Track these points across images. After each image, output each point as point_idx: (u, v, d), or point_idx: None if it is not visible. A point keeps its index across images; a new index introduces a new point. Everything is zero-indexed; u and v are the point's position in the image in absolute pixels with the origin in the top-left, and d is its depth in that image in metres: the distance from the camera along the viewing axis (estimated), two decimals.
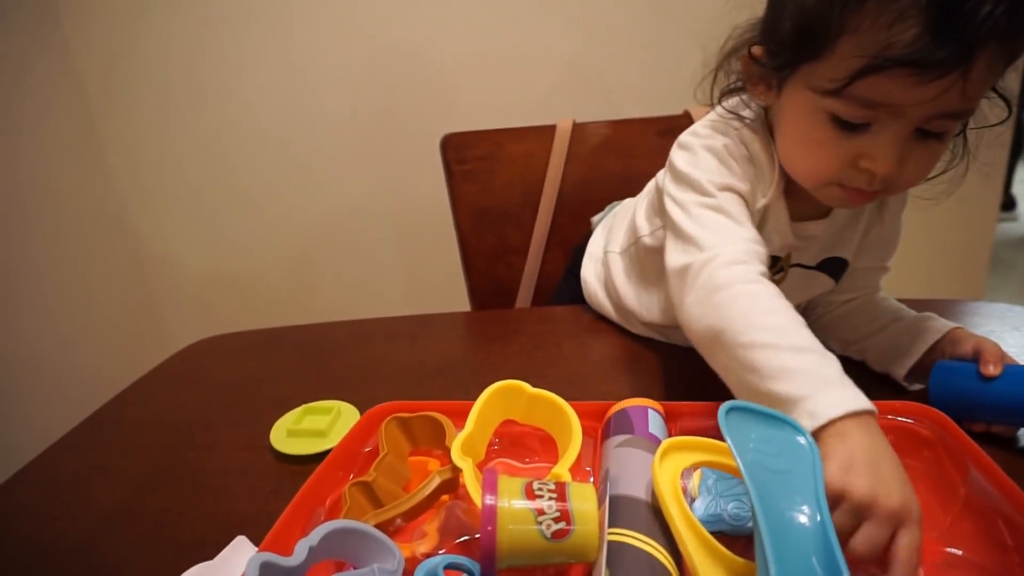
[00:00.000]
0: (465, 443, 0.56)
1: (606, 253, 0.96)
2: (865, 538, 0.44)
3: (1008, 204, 3.45)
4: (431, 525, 0.56)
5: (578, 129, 1.21)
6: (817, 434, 0.49)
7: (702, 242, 0.66)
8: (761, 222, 0.73)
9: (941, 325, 0.73)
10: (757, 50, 0.66)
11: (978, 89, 0.55)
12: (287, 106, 1.82)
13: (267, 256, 2.00)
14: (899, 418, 0.60)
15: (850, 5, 0.53)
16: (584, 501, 0.46)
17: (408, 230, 1.93)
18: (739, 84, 0.73)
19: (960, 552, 0.50)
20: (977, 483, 0.52)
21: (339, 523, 0.51)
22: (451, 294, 1.42)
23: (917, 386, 0.73)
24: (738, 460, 0.45)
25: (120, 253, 1.98)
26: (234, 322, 1.13)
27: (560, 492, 0.47)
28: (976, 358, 0.65)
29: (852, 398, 0.50)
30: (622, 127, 1.23)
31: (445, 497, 0.58)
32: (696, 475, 0.57)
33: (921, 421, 0.59)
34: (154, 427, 0.82)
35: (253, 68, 1.79)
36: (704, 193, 0.69)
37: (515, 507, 0.46)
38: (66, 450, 0.79)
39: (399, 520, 0.55)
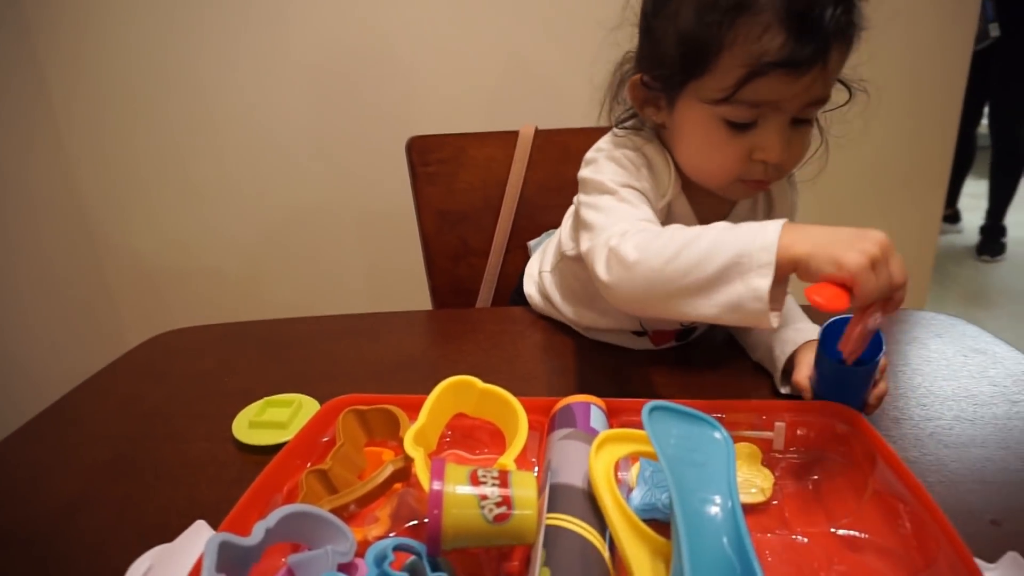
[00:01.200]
0: (417, 434, 0.59)
1: (540, 273, 1.04)
2: (898, 265, 0.56)
3: (953, 217, 3.59)
4: (383, 511, 0.59)
5: (540, 135, 1.25)
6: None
7: (601, 223, 0.73)
8: (666, 220, 0.80)
9: (799, 337, 0.79)
10: (642, 77, 0.76)
11: (833, 77, 0.69)
12: (251, 103, 1.83)
13: (229, 252, 2.01)
14: (822, 418, 0.66)
15: (723, 26, 0.65)
16: (525, 488, 0.50)
17: (372, 230, 1.96)
18: (630, 111, 0.83)
19: (866, 535, 0.55)
20: (882, 473, 0.57)
21: (295, 507, 0.54)
22: (413, 294, 1.46)
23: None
24: (659, 454, 0.50)
25: (80, 246, 1.97)
26: (195, 317, 1.14)
27: (503, 479, 0.51)
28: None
29: (773, 225, 0.59)
30: (583, 135, 1.26)
31: (397, 485, 0.61)
32: (635, 468, 0.62)
33: (835, 418, 0.64)
34: (115, 418, 0.84)
35: (217, 65, 1.79)
36: (606, 191, 0.77)
37: (460, 492, 0.49)
38: (26, 440, 0.80)
39: (353, 506, 0.59)
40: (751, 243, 0.60)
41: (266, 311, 1.15)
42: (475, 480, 0.50)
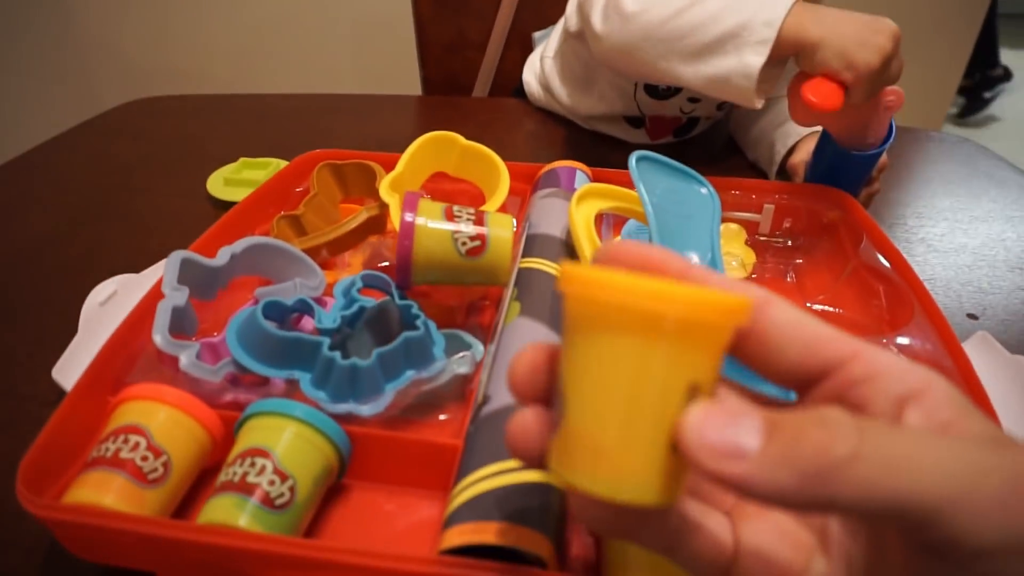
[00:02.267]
0: (394, 182, 0.57)
1: (541, 59, 0.97)
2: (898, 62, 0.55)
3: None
4: (355, 258, 0.58)
5: None
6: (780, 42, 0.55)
7: None
8: None
9: (803, 131, 0.75)
10: None
11: None
12: None
13: (216, 37, 1.89)
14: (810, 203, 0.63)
15: None
16: (501, 227, 0.49)
17: (365, 12, 1.83)
18: None
19: (840, 311, 0.54)
20: (866, 253, 0.56)
21: (264, 239, 0.53)
22: (404, 86, 1.38)
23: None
24: (644, 201, 0.47)
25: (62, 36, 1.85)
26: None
27: (479, 218, 0.49)
28: None
29: (785, 1, 0.55)
30: None
31: (373, 237, 0.59)
32: (619, 235, 0.60)
33: (825, 202, 0.62)
34: (88, 170, 0.81)
35: None
36: None
37: (432, 226, 0.47)
38: None
39: (324, 252, 0.57)
40: (755, 15, 0.55)
41: (248, 88, 1.09)
42: (450, 215, 0.48)
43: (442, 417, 0.45)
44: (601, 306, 0.20)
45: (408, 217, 0.47)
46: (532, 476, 0.35)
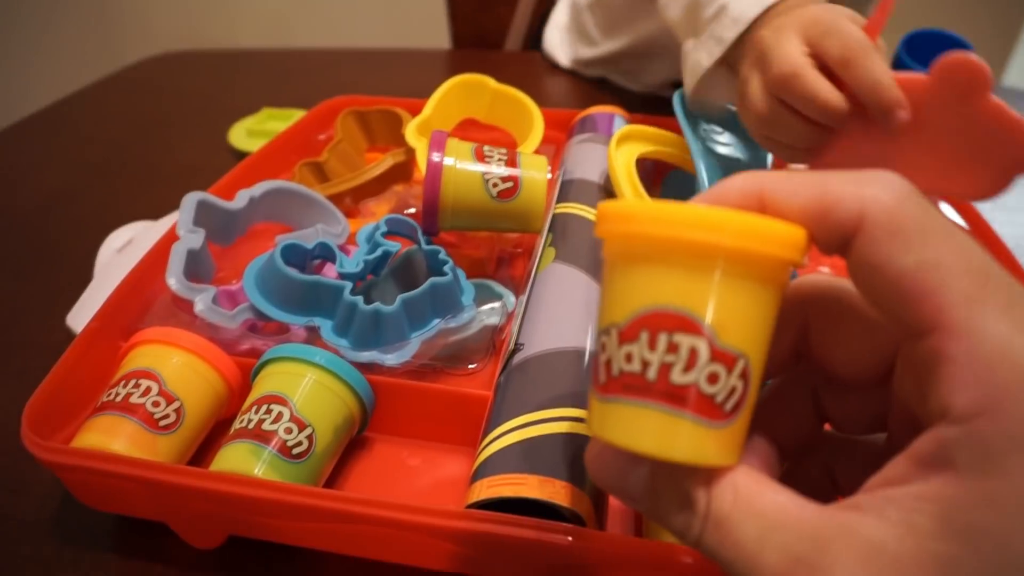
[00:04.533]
0: (421, 126, 0.53)
1: (579, 11, 0.90)
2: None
3: None
4: (380, 208, 0.55)
5: None
6: (749, 39, 0.44)
7: None
8: None
9: None
10: None
11: None
12: None
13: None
14: None
15: None
16: (535, 169, 0.45)
17: None
18: None
19: None
20: None
21: (285, 183, 0.50)
22: (433, 44, 1.34)
23: None
24: (691, 143, 0.44)
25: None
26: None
27: (511, 159, 0.45)
28: None
29: None
30: None
31: (398, 186, 0.57)
32: (659, 185, 0.56)
33: None
34: (108, 125, 0.80)
35: None
36: None
37: (462, 167, 0.44)
38: (15, 138, 0.76)
39: (348, 200, 0.54)
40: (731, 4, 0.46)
41: (273, 43, 1.06)
42: (480, 156, 0.45)
43: (471, 366, 0.42)
44: (640, 241, 0.18)
45: (436, 157, 0.44)
46: (568, 427, 0.32)
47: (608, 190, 0.47)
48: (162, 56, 0.97)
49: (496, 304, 0.44)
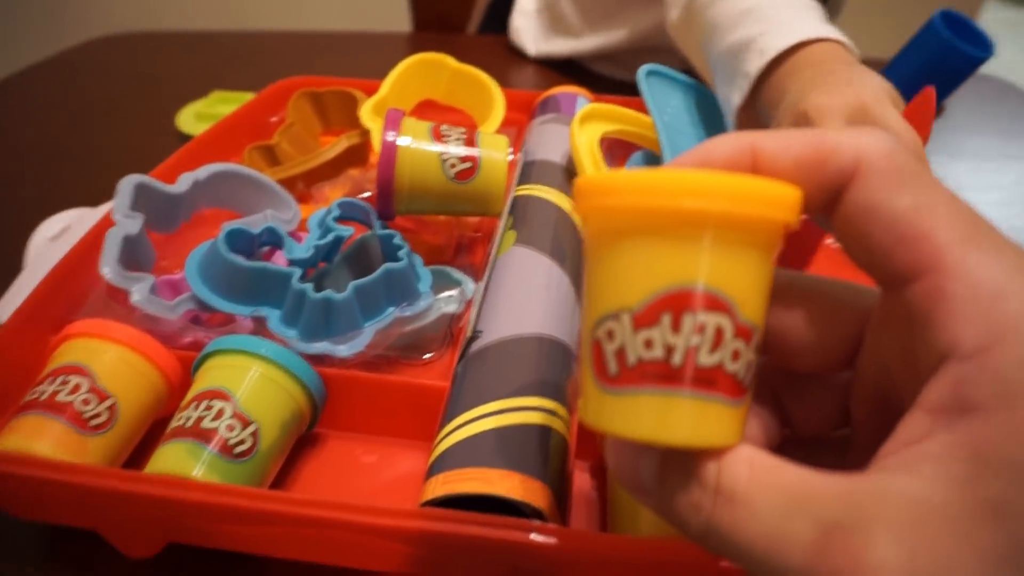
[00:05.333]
0: (377, 106, 0.51)
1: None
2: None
3: None
4: (335, 193, 0.53)
5: None
6: (772, 73, 0.42)
7: None
8: None
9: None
10: None
11: None
12: None
13: None
14: None
15: None
16: (495, 149, 0.43)
17: None
18: None
19: None
20: None
21: (231, 166, 0.47)
22: (393, 28, 1.31)
23: None
24: (656, 119, 0.42)
25: None
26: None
27: (470, 138, 0.43)
28: None
29: (811, 28, 0.42)
30: None
31: (354, 170, 0.54)
32: (624, 165, 0.55)
33: None
34: (48, 109, 0.75)
35: None
36: None
37: (417, 147, 0.42)
38: None
39: (300, 185, 0.52)
40: (761, 35, 0.43)
41: (225, 24, 1.02)
42: (437, 135, 0.43)
43: (427, 356, 0.40)
44: (624, 214, 0.17)
45: (390, 136, 0.42)
46: (530, 417, 0.30)
47: (571, 171, 0.46)
48: (107, 38, 0.93)
49: (454, 291, 0.42)
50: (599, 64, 0.84)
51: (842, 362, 0.20)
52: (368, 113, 0.50)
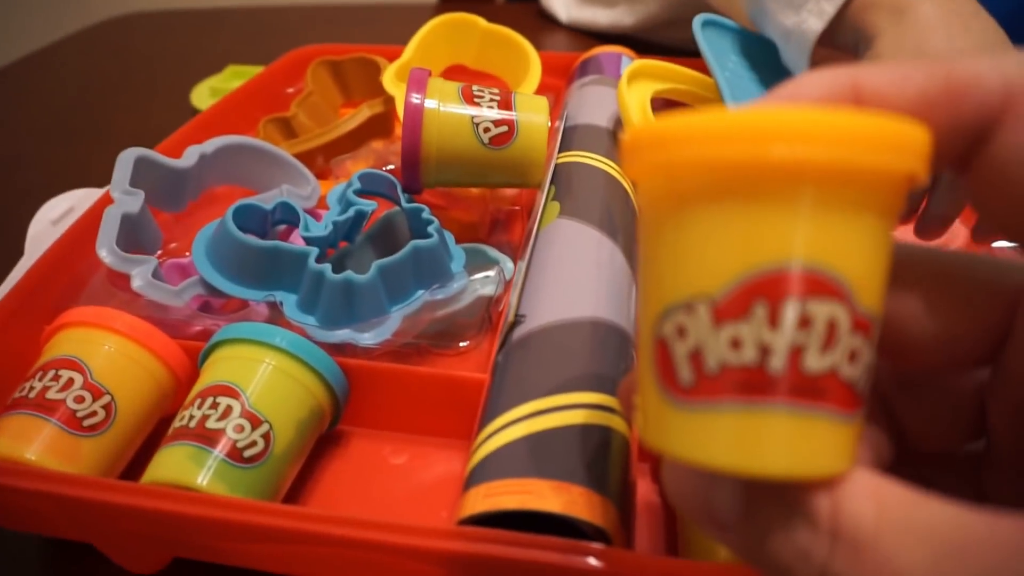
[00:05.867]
0: (400, 70, 0.46)
1: None
2: None
3: None
4: (358, 166, 0.48)
5: None
6: (843, 21, 0.36)
7: None
8: None
9: None
10: None
11: None
12: None
13: None
14: None
15: None
16: (534, 111, 0.38)
17: None
18: None
19: None
20: None
21: (242, 138, 0.43)
22: None
23: None
24: (716, 75, 0.37)
25: None
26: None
27: (505, 100, 0.38)
28: None
29: None
30: None
31: (376, 143, 0.50)
32: None
33: None
34: (61, 89, 0.72)
35: None
36: None
37: (447, 110, 0.37)
38: None
39: (320, 159, 0.48)
40: None
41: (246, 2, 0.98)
42: (468, 97, 0.38)
43: (462, 344, 0.35)
44: (693, 170, 0.13)
45: (415, 98, 0.37)
46: (584, 416, 0.25)
47: (619, 136, 0.41)
48: (124, 16, 0.90)
49: (491, 272, 0.37)
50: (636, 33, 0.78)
51: (976, 358, 0.16)
52: (391, 79, 0.46)
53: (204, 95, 0.64)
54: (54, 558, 0.30)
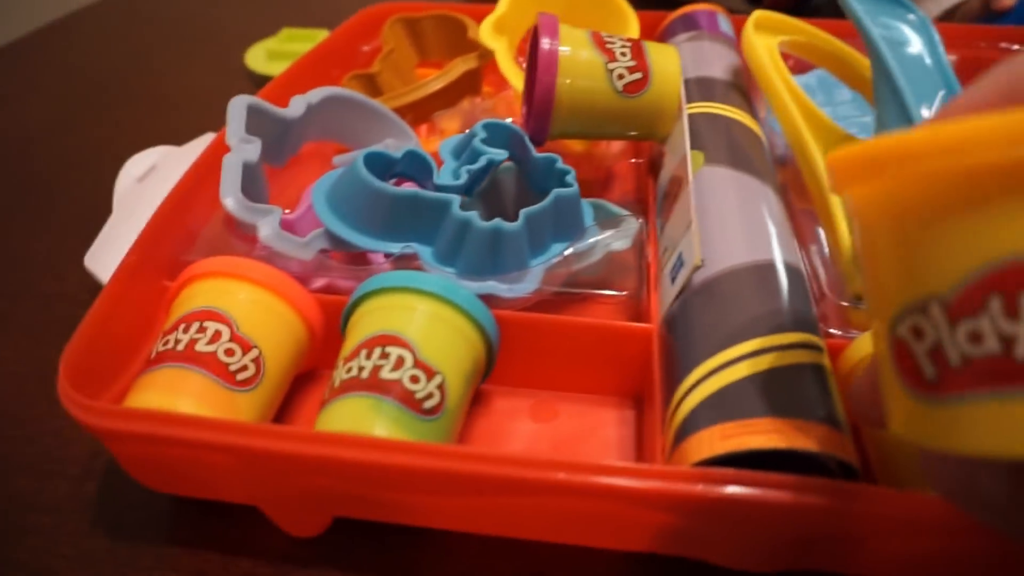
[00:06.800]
0: (498, 23, 0.45)
1: None
2: None
3: None
4: (451, 123, 0.46)
5: None
6: None
7: None
8: None
9: None
10: None
11: None
12: None
13: None
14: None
15: None
16: (666, 59, 0.37)
17: None
18: None
19: None
20: None
21: (346, 91, 0.41)
22: None
23: None
24: (868, 31, 0.35)
25: None
26: None
27: (636, 49, 0.37)
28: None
29: None
30: None
31: (466, 100, 0.48)
32: None
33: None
34: (103, 52, 0.69)
35: None
36: None
37: (580, 55, 0.36)
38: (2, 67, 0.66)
39: (409, 118, 0.45)
40: None
41: None
42: (600, 43, 0.36)
43: (620, 293, 0.33)
44: (951, 177, 0.13)
45: (547, 44, 0.35)
46: (799, 356, 0.24)
47: (739, 88, 0.39)
48: None
49: (629, 224, 0.35)
50: None
51: None
52: (489, 32, 0.44)
53: (260, 57, 0.62)
54: (199, 519, 0.28)
